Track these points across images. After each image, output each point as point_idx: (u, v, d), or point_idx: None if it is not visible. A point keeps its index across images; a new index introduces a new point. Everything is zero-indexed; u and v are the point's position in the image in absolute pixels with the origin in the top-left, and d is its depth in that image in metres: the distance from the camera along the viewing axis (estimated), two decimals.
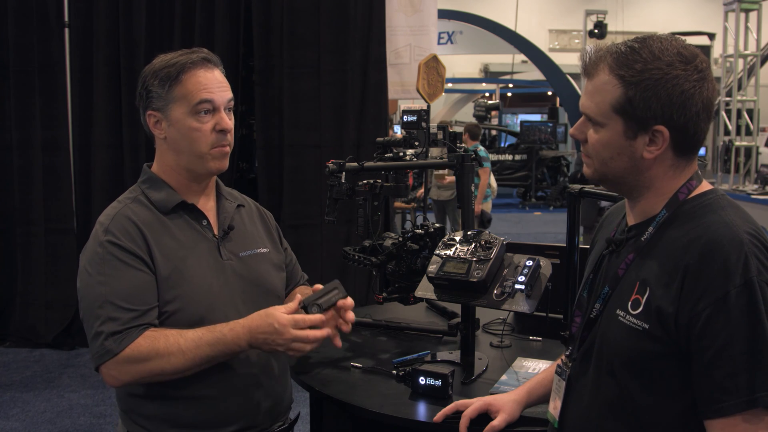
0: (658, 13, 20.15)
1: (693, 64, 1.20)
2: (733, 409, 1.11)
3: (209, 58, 1.67)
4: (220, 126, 1.64)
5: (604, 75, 1.23)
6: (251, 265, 1.74)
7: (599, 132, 1.26)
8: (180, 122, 1.63)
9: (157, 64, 1.66)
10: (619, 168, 1.26)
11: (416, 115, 2.42)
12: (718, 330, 1.12)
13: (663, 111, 1.19)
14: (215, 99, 1.63)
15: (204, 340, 1.53)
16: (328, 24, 5.02)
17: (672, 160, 1.25)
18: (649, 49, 1.20)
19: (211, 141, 1.64)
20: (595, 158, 1.28)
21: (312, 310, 1.57)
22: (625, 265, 1.28)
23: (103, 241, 1.58)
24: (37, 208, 5.12)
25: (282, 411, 1.79)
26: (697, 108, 1.20)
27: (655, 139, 1.22)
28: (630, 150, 1.24)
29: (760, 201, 7.95)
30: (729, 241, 1.15)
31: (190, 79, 1.62)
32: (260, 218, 1.88)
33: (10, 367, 4.69)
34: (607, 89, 1.22)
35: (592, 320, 1.32)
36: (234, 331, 1.54)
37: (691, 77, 1.19)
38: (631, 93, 1.20)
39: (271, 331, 1.53)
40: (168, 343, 1.52)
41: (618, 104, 1.21)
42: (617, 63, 1.21)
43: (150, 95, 1.64)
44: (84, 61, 5.08)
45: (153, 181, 1.70)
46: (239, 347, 1.56)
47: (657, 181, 1.26)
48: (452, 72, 15.33)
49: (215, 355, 1.55)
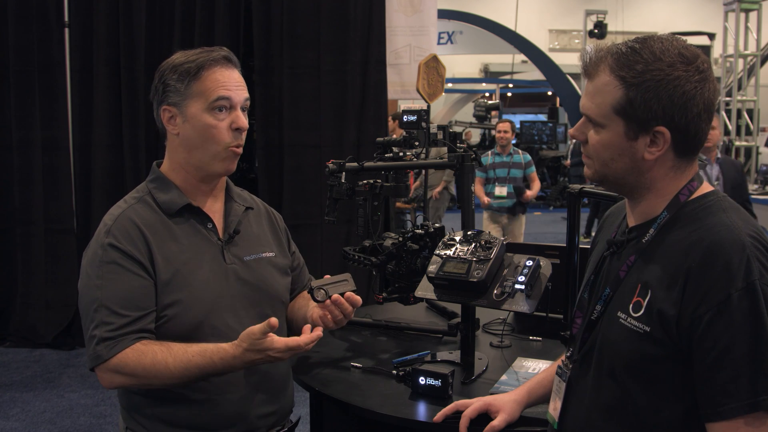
0: (658, 13, 20.14)
1: (694, 65, 1.19)
2: (734, 412, 1.11)
3: (230, 57, 1.66)
4: (236, 124, 1.63)
5: (604, 76, 1.22)
6: (255, 269, 1.72)
7: (600, 133, 1.25)
8: (196, 118, 1.61)
9: (176, 59, 1.64)
10: (620, 169, 1.26)
11: (416, 115, 2.42)
12: (720, 333, 1.11)
13: (664, 112, 1.19)
14: (233, 97, 1.62)
15: (193, 364, 1.52)
16: (328, 24, 5.03)
17: (673, 161, 1.24)
18: (650, 49, 1.20)
19: (227, 139, 1.63)
20: (596, 159, 1.28)
21: (318, 294, 1.60)
22: (626, 266, 1.28)
23: (105, 243, 1.58)
24: (37, 208, 5.13)
25: (282, 415, 1.78)
26: (698, 109, 1.20)
27: (656, 140, 1.21)
28: (631, 151, 1.23)
29: (760, 201, 7.95)
30: (731, 243, 1.14)
31: (209, 76, 1.61)
32: (268, 221, 1.86)
33: (10, 367, 4.69)
34: (607, 90, 1.22)
35: (593, 322, 1.32)
36: (224, 360, 1.53)
37: (692, 78, 1.19)
38: (632, 94, 1.19)
39: (267, 359, 1.54)
40: (155, 361, 1.51)
41: (619, 105, 1.21)
42: (618, 64, 1.21)
43: (167, 89, 1.62)
44: (84, 61, 5.08)
45: (161, 180, 1.69)
46: (232, 371, 1.58)
47: (658, 182, 1.26)
48: (452, 72, 15.33)
49: (204, 377, 1.56)
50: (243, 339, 1.52)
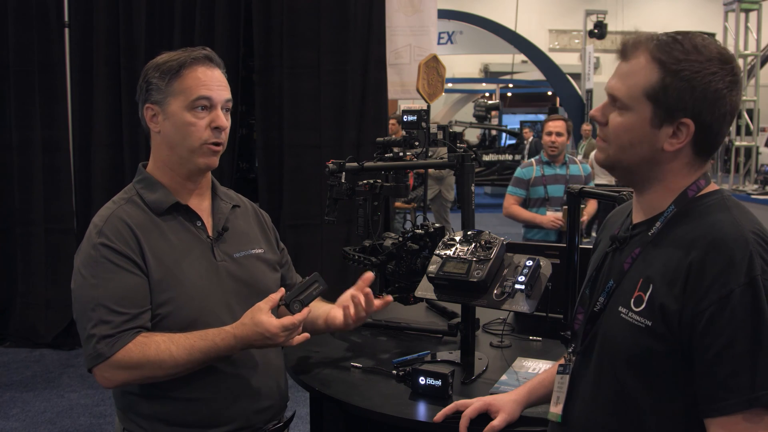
0: (658, 13, 20.16)
1: (730, 66, 1.20)
2: (734, 407, 1.11)
3: (211, 57, 1.67)
4: (216, 123, 1.64)
5: (642, 59, 1.22)
6: (245, 265, 1.74)
7: (624, 115, 1.24)
8: (176, 116, 1.63)
9: (160, 59, 1.67)
10: (637, 156, 1.25)
11: (416, 115, 2.42)
12: (721, 328, 1.12)
13: (694, 105, 1.19)
14: (213, 96, 1.63)
15: (196, 348, 1.54)
16: (328, 24, 5.02)
17: (689, 157, 1.24)
18: (691, 42, 1.20)
19: (204, 136, 1.64)
20: (614, 143, 1.26)
21: (294, 307, 1.60)
22: (630, 259, 1.28)
23: (97, 243, 1.59)
24: (37, 208, 5.12)
25: (277, 410, 1.79)
26: (725, 109, 1.20)
27: (679, 132, 1.21)
28: (652, 139, 1.22)
29: (760, 201, 7.96)
30: (734, 239, 1.15)
31: (190, 74, 1.63)
32: (256, 219, 1.88)
33: (10, 367, 4.69)
34: (643, 73, 1.21)
35: (596, 314, 1.31)
36: (225, 341, 1.56)
37: (726, 78, 1.19)
38: (668, 80, 1.19)
39: (262, 339, 1.56)
40: (159, 350, 1.53)
41: (652, 89, 1.20)
42: (659, 49, 1.20)
43: (150, 88, 1.64)
44: (84, 61, 5.08)
45: (148, 181, 1.70)
46: (232, 353, 1.59)
47: (669, 175, 1.25)
48: (452, 72, 15.32)
49: (207, 360, 1.57)
50: (245, 314, 1.57)
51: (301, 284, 1.65)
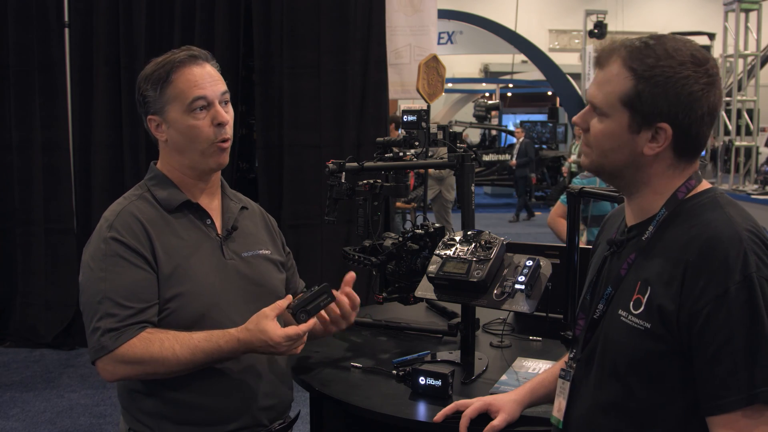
0: (658, 13, 20.13)
1: (704, 68, 1.21)
2: (734, 405, 1.12)
3: (195, 53, 1.67)
4: (217, 120, 1.65)
5: (616, 66, 1.23)
6: (253, 264, 1.75)
7: (603, 122, 1.26)
8: (177, 122, 1.64)
9: (147, 69, 1.68)
10: (618, 161, 1.27)
11: (416, 115, 2.42)
12: (719, 326, 1.12)
13: (669, 109, 1.20)
14: (208, 94, 1.64)
15: (200, 349, 1.55)
16: (328, 24, 5.02)
17: (671, 160, 1.25)
18: (663, 46, 1.21)
19: (210, 136, 1.64)
20: (596, 149, 1.29)
21: (301, 317, 1.59)
22: (627, 264, 1.29)
23: (107, 237, 1.60)
24: (37, 208, 5.12)
25: (282, 409, 1.79)
26: (702, 111, 1.21)
27: (658, 136, 1.22)
28: (631, 144, 1.24)
29: (760, 201, 7.97)
30: (728, 237, 1.16)
31: (180, 78, 1.63)
32: (263, 222, 1.89)
33: (10, 367, 4.68)
34: (617, 80, 1.23)
35: (596, 321, 1.32)
36: (229, 344, 1.56)
37: (700, 80, 1.20)
38: (641, 87, 1.20)
39: (265, 346, 1.56)
40: (162, 348, 1.53)
41: (626, 97, 1.22)
42: (630, 56, 1.22)
43: (146, 100, 1.66)
44: (84, 61, 5.08)
45: (159, 178, 1.71)
46: (234, 356, 1.59)
47: (655, 178, 1.27)
48: (452, 72, 15.33)
49: (210, 362, 1.58)
50: (251, 319, 1.56)
51: (309, 294, 1.64)
